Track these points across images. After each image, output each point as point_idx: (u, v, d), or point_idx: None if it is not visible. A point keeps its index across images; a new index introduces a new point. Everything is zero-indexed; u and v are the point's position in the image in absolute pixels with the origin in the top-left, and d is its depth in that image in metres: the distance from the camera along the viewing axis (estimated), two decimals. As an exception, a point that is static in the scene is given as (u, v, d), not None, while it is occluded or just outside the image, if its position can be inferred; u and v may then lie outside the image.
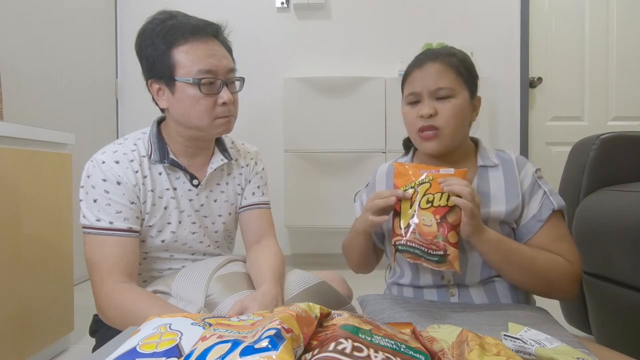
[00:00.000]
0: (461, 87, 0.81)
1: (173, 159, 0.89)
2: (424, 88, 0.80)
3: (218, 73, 0.84)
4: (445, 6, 2.57)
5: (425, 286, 0.85)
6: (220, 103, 0.85)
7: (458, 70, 0.81)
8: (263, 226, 1.01)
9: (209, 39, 0.85)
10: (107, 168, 0.84)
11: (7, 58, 1.73)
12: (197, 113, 0.85)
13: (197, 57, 0.83)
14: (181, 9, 0.88)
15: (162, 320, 0.46)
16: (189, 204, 0.92)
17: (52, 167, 1.30)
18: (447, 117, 0.79)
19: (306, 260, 2.55)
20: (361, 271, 0.97)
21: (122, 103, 2.66)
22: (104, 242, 0.81)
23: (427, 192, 0.72)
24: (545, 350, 0.45)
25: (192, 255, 0.95)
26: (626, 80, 2.61)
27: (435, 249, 0.70)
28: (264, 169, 1.07)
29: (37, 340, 1.22)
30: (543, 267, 0.75)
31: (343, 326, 0.39)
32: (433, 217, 0.71)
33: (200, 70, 0.83)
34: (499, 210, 0.79)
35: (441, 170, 0.74)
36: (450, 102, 0.79)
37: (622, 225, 0.98)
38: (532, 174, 0.82)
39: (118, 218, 0.82)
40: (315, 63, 2.60)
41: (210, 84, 0.84)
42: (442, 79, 0.79)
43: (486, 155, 0.85)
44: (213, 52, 0.85)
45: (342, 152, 2.39)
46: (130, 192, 0.84)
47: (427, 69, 0.81)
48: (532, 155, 2.63)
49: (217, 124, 0.87)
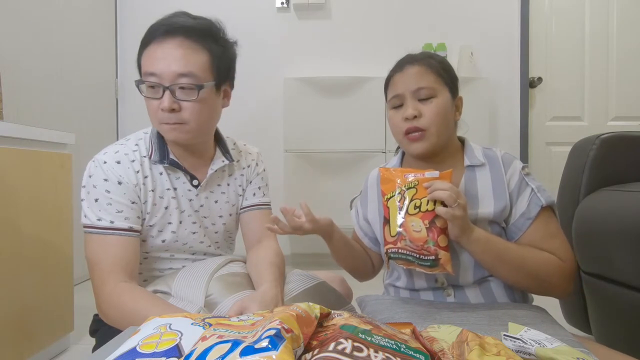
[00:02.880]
0: (442, 86, 0.83)
1: (173, 159, 0.89)
2: (405, 90, 0.82)
3: (162, 77, 0.80)
4: (445, 6, 2.57)
5: (421, 289, 0.85)
6: (160, 109, 0.82)
7: (437, 71, 0.83)
8: (263, 227, 1.00)
9: (166, 40, 0.81)
10: (109, 168, 0.84)
11: (7, 58, 1.73)
12: (149, 115, 0.86)
13: (147, 58, 0.82)
14: (181, 9, 0.88)
15: (162, 320, 0.46)
16: (189, 204, 0.92)
17: (52, 167, 1.30)
18: (431, 116, 0.80)
19: (306, 260, 2.55)
20: (363, 277, 0.97)
21: (122, 103, 2.66)
22: (105, 241, 0.81)
23: (414, 197, 0.73)
24: (545, 350, 0.45)
25: (192, 255, 0.95)
26: (626, 80, 2.61)
27: (426, 254, 0.71)
28: (265, 170, 1.07)
29: (37, 340, 1.22)
30: (534, 265, 0.75)
31: (343, 326, 0.39)
32: (422, 222, 0.72)
33: (145, 73, 0.82)
34: (487, 210, 0.80)
35: (426, 174, 0.75)
36: (433, 102, 0.81)
37: (622, 225, 0.98)
38: (519, 172, 0.82)
39: (119, 217, 0.82)
40: (315, 63, 2.59)
41: (151, 87, 0.82)
42: (423, 80, 0.82)
43: (473, 155, 0.86)
44: (163, 55, 0.80)
45: (342, 152, 2.39)
46: (131, 192, 0.84)
47: (407, 71, 0.83)
48: (532, 155, 2.63)
49: (163, 129, 0.85)
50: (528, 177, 0.82)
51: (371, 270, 0.96)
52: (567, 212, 1.20)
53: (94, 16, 2.44)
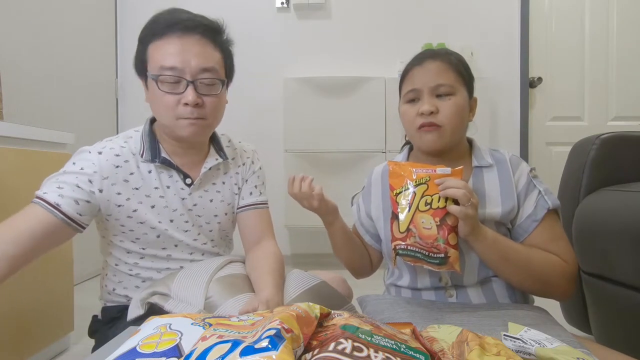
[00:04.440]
0: (460, 85, 0.81)
1: (165, 157, 0.88)
2: (424, 85, 0.80)
3: (184, 71, 0.80)
4: (445, 6, 2.57)
5: (424, 288, 0.85)
6: (182, 103, 0.81)
7: (457, 68, 0.81)
8: (261, 227, 1.00)
9: (185, 35, 0.81)
10: (85, 157, 0.83)
11: (7, 58, 1.73)
12: (160, 110, 0.84)
13: (164, 52, 0.80)
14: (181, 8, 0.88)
15: (162, 320, 0.46)
16: (181, 202, 0.91)
17: (52, 167, 1.29)
18: (448, 114, 0.79)
19: (306, 260, 2.55)
20: (360, 274, 0.97)
21: (122, 103, 2.66)
22: (28, 207, 0.77)
23: (425, 193, 0.72)
24: (545, 350, 0.45)
25: (190, 255, 0.94)
26: (626, 80, 2.61)
27: (436, 251, 0.70)
28: (261, 167, 1.06)
29: (37, 340, 1.22)
30: (539, 267, 0.75)
31: (343, 326, 0.39)
32: (432, 219, 0.70)
33: (162, 67, 0.80)
34: (495, 211, 0.79)
35: (438, 170, 0.73)
36: (451, 100, 0.79)
37: (622, 225, 0.98)
38: (527, 174, 0.82)
39: (54, 192, 0.78)
40: (315, 63, 2.59)
41: (174, 82, 0.81)
42: (443, 76, 0.80)
43: (481, 156, 0.85)
44: (183, 49, 0.80)
45: (342, 152, 2.39)
46: (86, 180, 0.81)
47: (427, 65, 0.81)
48: (532, 155, 2.63)
49: (180, 124, 0.83)
50: (536, 179, 0.82)
51: (369, 267, 0.96)
52: (567, 212, 1.20)
53: (94, 16, 2.44)
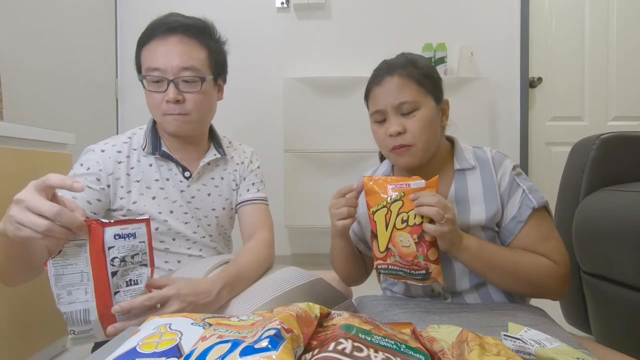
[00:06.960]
0: (424, 96, 0.78)
1: (165, 151, 0.94)
2: (387, 105, 0.78)
3: (166, 71, 0.86)
4: (445, 6, 2.57)
5: (417, 296, 0.85)
6: (165, 100, 0.87)
7: (418, 80, 0.78)
8: (256, 221, 1.02)
9: (169, 36, 0.87)
10: (89, 157, 0.90)
11: (7, 58, 1.72)
12: (151, 108, 0.92)
13: (150, 54, 0.87)
14: (181, 9, 0.89)
15: (162, 320, 0.46)
16: (180, 194, 0.96)
17: (52, 167, 1.30)
18: (416, 132, 0.77)
19: (306, 260, 2.55)
20: (351, 282, 0.96)
21: (122, 103, 2.66)
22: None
23: (401, 210, 0.70)
24: (545, 350, 0.45)
25: (188, 250, 0.96)
26: (626, 80, 2.61)
27: (417, 269, 0.69)
28: (260, 167, 1.10)
29: (37, 340, 1.22)
30: (526, 270, 0.74)
31: (343, 326, 0.39)
32: (410, 237, 0.69)
33: (149, 68, 0.87)
34: (479, 217, 0.78)
35: (412, 184, 0.71)
36: (416, 116, 0.77)
37: (622, 225, 0.98)
38: (510, 172, 0.80)
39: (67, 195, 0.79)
40: (315, 63, 2.59)
41: (157, 81, 0.87)
42: (404, 93, 0.77)
43: (463, 157, 0.83)
44: (166, 50, 0.86)
45: (342, 152, 2.39)
46: (101, 182, 0.88)
47: (386, 84, 0.78)
48: (532, 155, 2.63)
49: (166, 120, 0.90)
50: (519, 177, 0.80)
51: (364, 275, 0.96)
52: (567, 212, 1.20)
53: (94, 16, 2.44)
